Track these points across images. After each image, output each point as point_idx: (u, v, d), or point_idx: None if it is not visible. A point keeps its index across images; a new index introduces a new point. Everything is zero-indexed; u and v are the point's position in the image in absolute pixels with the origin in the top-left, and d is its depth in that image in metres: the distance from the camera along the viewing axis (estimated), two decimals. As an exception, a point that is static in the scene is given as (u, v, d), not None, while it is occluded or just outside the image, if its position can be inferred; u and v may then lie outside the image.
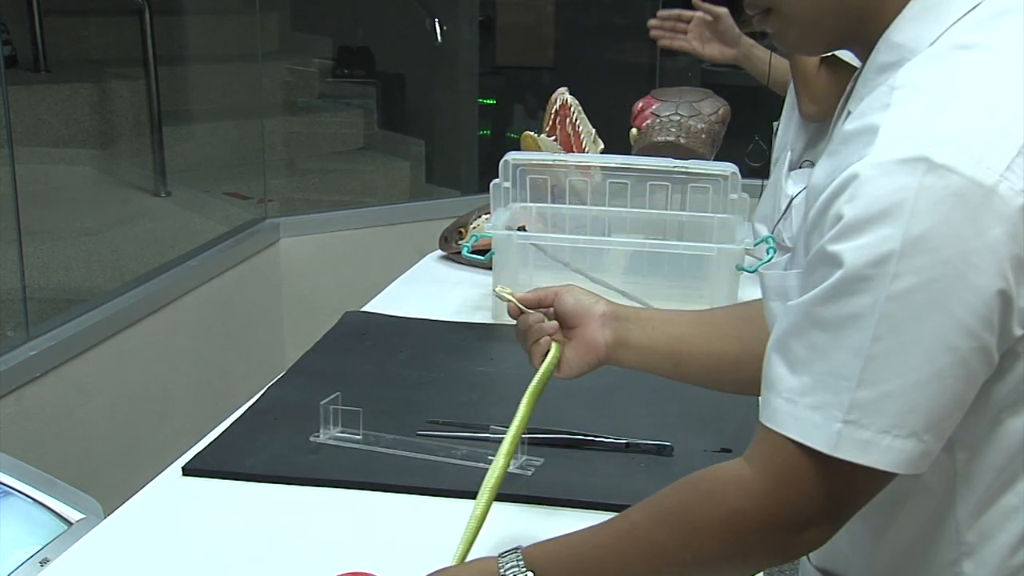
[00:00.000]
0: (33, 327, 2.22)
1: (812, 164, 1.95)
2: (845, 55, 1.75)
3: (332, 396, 1.36)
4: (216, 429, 1.39)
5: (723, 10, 2.19)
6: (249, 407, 1.47)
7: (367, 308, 1.89)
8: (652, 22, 2.25)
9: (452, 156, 4.51)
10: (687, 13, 2.22)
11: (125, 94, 3.94)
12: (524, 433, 1.16)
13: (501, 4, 4.71)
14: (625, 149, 2.17)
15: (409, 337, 1.75)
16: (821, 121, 1.93)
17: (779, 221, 1.89)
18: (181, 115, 4.11)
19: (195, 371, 2.76)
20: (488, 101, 4.76)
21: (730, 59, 2.19)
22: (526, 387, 1.13)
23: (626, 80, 4.32)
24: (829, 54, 1.79)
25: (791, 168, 1.99)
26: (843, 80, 1.80)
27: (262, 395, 1.51)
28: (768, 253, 1.72)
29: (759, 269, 1.66)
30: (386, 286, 2.03)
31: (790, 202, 1.92)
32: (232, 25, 4.15)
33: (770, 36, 0.96)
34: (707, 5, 2.22)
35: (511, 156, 1.92)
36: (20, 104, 3.38)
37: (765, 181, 2.12)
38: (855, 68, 0.96)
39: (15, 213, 2.33)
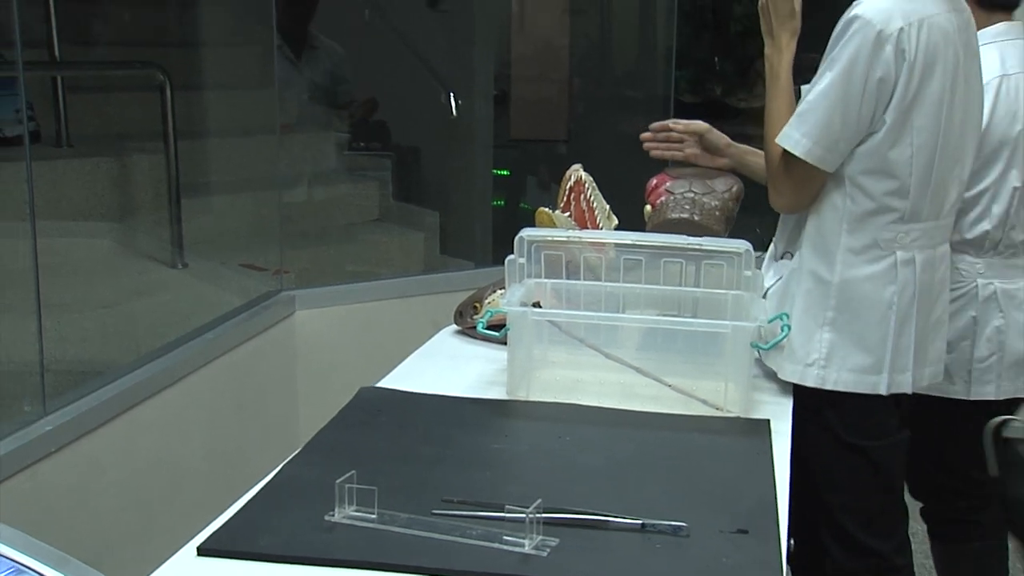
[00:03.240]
0: (50, 401, 2.22)
1: (792, 256, 1.98)
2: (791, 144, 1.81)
3: (347, 475, 1.36)
4: (232, 507, 1.39)
5: (702, 125, 2.23)
6: (265, 484, 1.47)
7: (382, 384, 1.89)
8: (644, 135, 2.29)
9: (466, 228, 4.55)
10: (677, 124, 2.25)
11: (145, 168, 4.00)
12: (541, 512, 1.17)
13: (516, 78, 4.79)
14: (639, 224, 2.19)
15: (424, 413, 1.75)
16: (791, 213, 1.97)
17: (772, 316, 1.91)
18: (199, 188, 4.16)
19: (209, 445, 2.76)
20: (502, 172, 4.82)
21: (724, 167, 2.21)
22: (541, 465, 1.13)
23: (640, 154, 4.36)
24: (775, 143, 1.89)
25: (774, 259, 2.02)
26: (796, 169, 1.84)
27: (278, 472, 1.51)
28: (782, 331, 1.73)
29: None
30: (400, 359, 2.03)
31: (765, 293, 1.95)
32: (250, 99, 4.22)
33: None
34: (684, 123, 2.25)
35: (526, 233, 1.94)
36: (43, 178, 3.43)
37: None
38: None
39: (35, 286, 2.35)
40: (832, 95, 1.83)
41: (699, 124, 2.24)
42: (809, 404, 1.92)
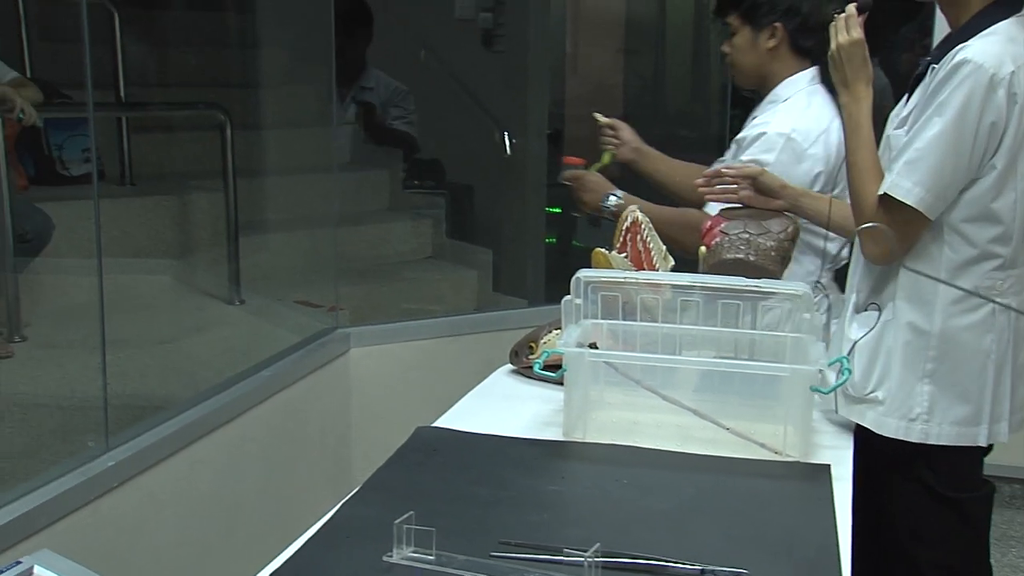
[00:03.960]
0: (112, 436, 2.26)
1: (878, 307, 1.93)
2: (903, 193, 1.78)
3: (406, 515, 1.37)
4: (291, 546, 1.40)
5: (755, 169, 2.23)
6: (323, 524, 1.48)
7: (439, 423, 1.90)
8: (698, 181, 2.29)
9: (519, 266, 4.56)
10: (730, 170, 2.25)
11: (204, 205, 4.07)
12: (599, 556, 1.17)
13: (569, 117, 4.81)
14: (695, 265, 2.18)
15: (480, 454, 1.75)
16: (885, 264, 1.91)
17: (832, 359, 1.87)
18: (256, 225, 4.23)
19: (264, 482, 2.78)
20: (554, 210, 4.83)
21: (780, 208, 2.19)
22: (599, 508, 1.13)
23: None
24: (881, 193, 1.84)
25: (856, 311, 1.98)
26: (899, 219, 1.81)
27: (336, 512, 1.52)
28: (843, 375, 1.71)
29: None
30: (453, 397, 2.04)
31: (853, 346, 1.92)
32: (308, 138, 4.29)
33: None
34: (737, 168, 2.26)
35: (583, 274, 1.94)
36: (106, 216, 3.48)
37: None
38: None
39: (100, 322, 2.40)
40: (944, 142, 1.79)
41: (752, 168, 2.23)
42: (899, 457, 1.88)
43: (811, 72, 2.45)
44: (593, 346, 1.90)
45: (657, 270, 2.14)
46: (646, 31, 5.02)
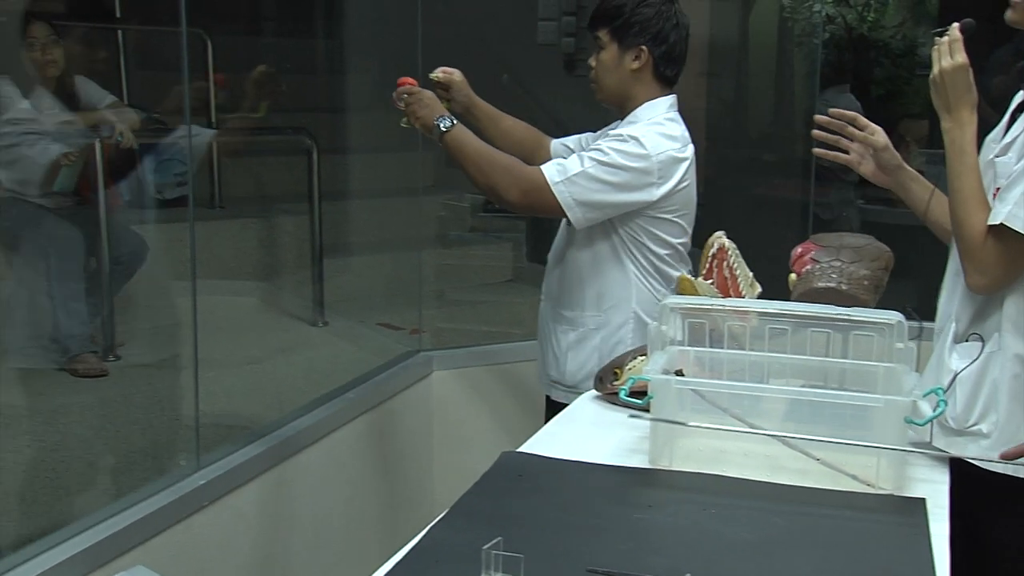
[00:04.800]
0: (203, 455, 2.31)
1: (980, 338, 1.85)
2: (1018, 224, 1.72)
3: (493, 541, 1.37)
4: (380, 570, 1.41)
5: (881, 143, 2.12)
6: (412, 548, 1.49)
7: (523, 448, 1.90)
8: (821, 118, 2.16)
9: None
10: (860, 119, 2.13)
11: (290, 228, 4.16)
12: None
13: (649, 142, 4.79)
14: (782, 292, 2.16)
15: (566, 480, 1.75)
16: (990, 294, 1.83)
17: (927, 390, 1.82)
18: (340, 247, 4.30)
19: (348, 503, 2.81)
20: (633, 235, 4.81)
21: (883, 184, 2.12)
22: (686, 537, 1.11)
23: (776, 217, 4.32)
24: (997, 223, 1.77)
25: (956, 341, 1.91)
26: (1013, 250, 1.76)
27: (424, 536, 1.53)
28: (939, 406, 1.67)
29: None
30: (533, 420, 2.05)
31: (954, 378, 1.85)
32: (392, 162, 4.35)
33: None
34: (871, 127, 2.14)
35: (669, 300, 1.93)
36: (196, 238, 3.60)
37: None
38: None
39: (194, 344, 2.46)
40: None
41: (882, 137, 2.13)
42: (1005, 492, 1.82)
43: (670, 99, 2.45)
44: (679, 373, 1.88)
45: (744, 297, 2.12)
46: (728, 54, 4.99)
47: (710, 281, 2.10)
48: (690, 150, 2.42)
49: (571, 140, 2.64)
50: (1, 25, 3.34)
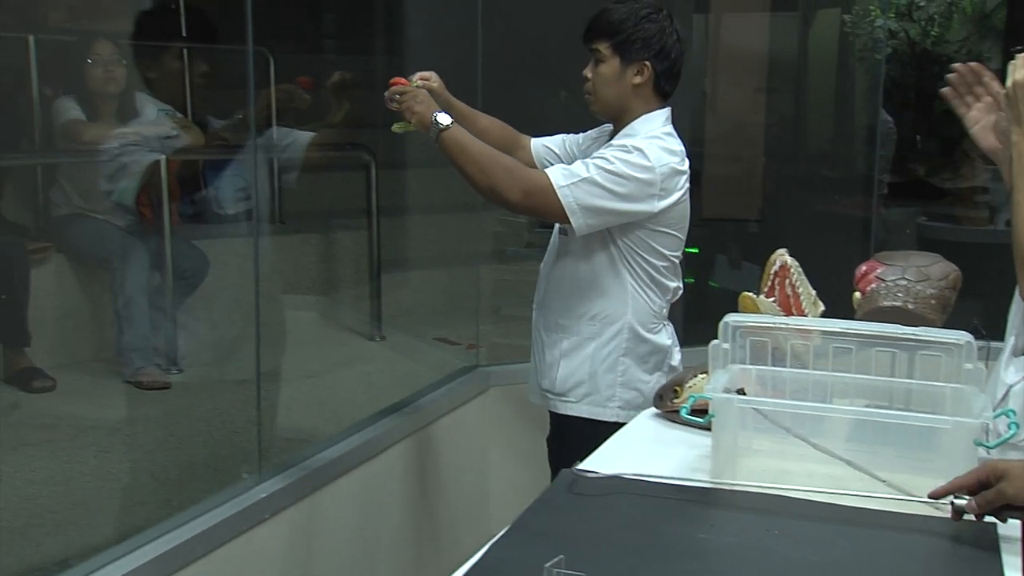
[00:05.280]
0: (264, 469, 2.33)
1: None
2: None
3: (556, 559, 1.36)
4: (441, 586, 1.42)
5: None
6: (472, 566, 1.48)
7: (583, 466, 1.89)
8: (957, 66, 2.05)
9: (656, 306, 4.52)
10: (993, 84, 2.02)
11: (348, 243, 4.20)
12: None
13: (708, 157, 4.77)
14: (842, 308, 2.13)
15: (627, 498, 1.74)
16: None
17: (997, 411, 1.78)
18: (398, 263, 4.33)
19: (405, 517, 2.82)
20: (691, 250, 4.79)
21: (989, 148, 2.02)
22: (749, 559, 1.10)
23: (838, 234, 4.27)
24: None
25: (1014, 354, 1.89)
26: None
27: (485, 553, 1.52)
28: (1010, 429, 1.64)
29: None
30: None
31: (1008, 391, 1.83)
32: (450, 177, 4.37)
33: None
34: (995, 81, 2.02)
35: (731, 318, 1.91)
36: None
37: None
38: None
39: (255, 358, 2.48)
40: None
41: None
42: None
43: (666, 112, 2.44)
44: (741, 392, 1.87)
45: (806, 315, 2.10)
46: (787, 69, 4.95)
47: (772, 299, 2.08)
48: (687, 164, 2.43)
49: (554, 140, 2.64)
50: (72, 44, 3.42)
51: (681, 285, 2.52)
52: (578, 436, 2.39)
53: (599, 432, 2.33)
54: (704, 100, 4.83)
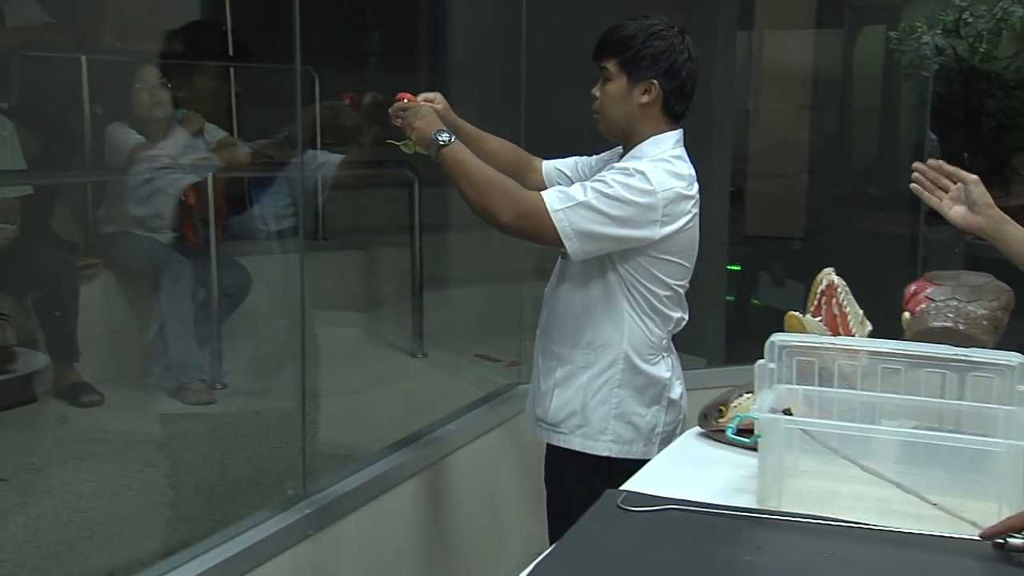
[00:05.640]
0: (308, 484, 2.34)
1: None
2: None
3: (602, 580, 1.36)
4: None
5: (972, 177, 2.07)
6: (519, 585, 1.48)
7: (627, 485, 1.88)
8: (917, 165, 2.13)
9: (698, 324, 4.48)
10: (954, 172, 2.09)
11: (391, 260, 4.22)
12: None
13: (752, 174, 4.75)
14: (889, 328, 2.11)
15: (673, 519, 1.73)
16: None
17: None
18: (440, 279, 4.34)
19: (448, 537, 2.82)
20: (733, 267, 4.77)
21: (974, 227, 2.04)
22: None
23: (883, 253, 4.23)
24: None
25: None
26: None
27: (531, 572, 1.52)
28: (1065, 452, 1.61)
29: None
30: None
31: None
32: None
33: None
34: (956, 169, 2.10)
35: (777, 338, 1.90)
36: (298, 270, 3.68)
37: None
38: None
39: (301, 373, 2.50)
40: None
41: (969, 175, 2.08)
42: None
43: (677, 134, 2.34)
44: (787, 412, 1.85)
45: (853, 335, 2.08)
46: (831, 86, 4.92)
47: (819, 318, 2.06)
48: (696, 188, 2.32)
49: (566, 163, 2.55)
50: (122, 65, 3.48)
51: (686, 316, 2.43)
52: (569, 469, 2.33)
53: (590, 466, 2.30)
54: (747, 117, 4.81)
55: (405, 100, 2.34)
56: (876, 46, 4.94)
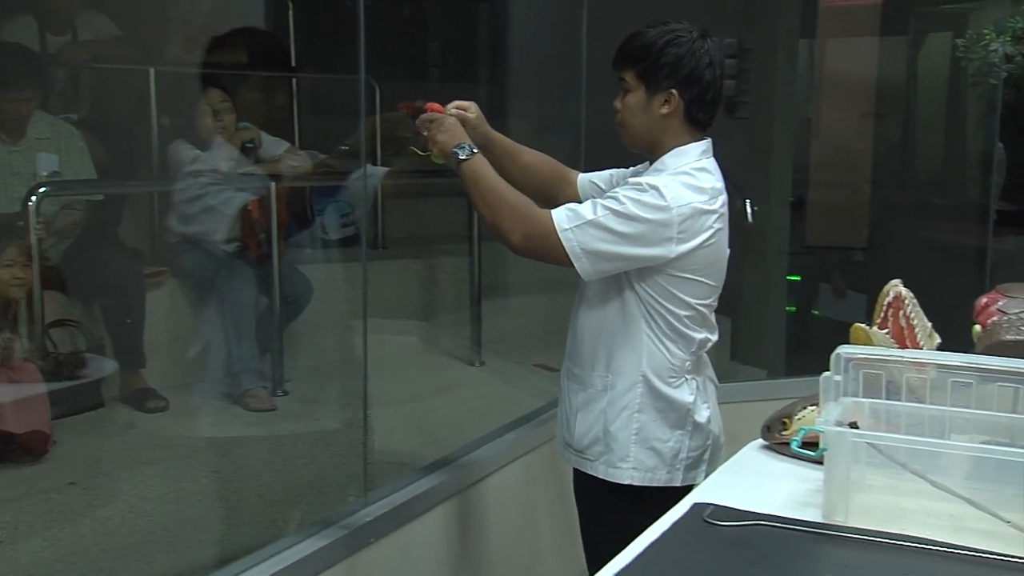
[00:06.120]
0: (370, 492, 2.36)
1: None
2: None
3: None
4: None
5: None
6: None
7: (691, 498, 1.87)
8: None
9: (758, 334, 4.46)
10: None
11: (449, 269, 4.24)
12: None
13: (814, 183, 4.70)
14: (958, 340, 2.06)
15: (757, 534, 1.70)
16: None
17: None
18: (498, 288, 4.35)
19: (509, 546, 2.82)
20: (793, 278, 4.72)
21: None
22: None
23: (949, 264, 4.16)
24: None
25: None
26: None
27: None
28: None
29: None
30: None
31: None
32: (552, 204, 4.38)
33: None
34: None
35: (843, 350, 1.87)
36: (358, 278, 3.71)
37: None
38: None
39: (363, 381, 2.51)
40: None
41: None
42: None
43: (703, 145, 2.22)
44: (853, 425, 1.82)
45: (921, 348, 2.04)
46: (895, 94, 4.86)
47: (885, 331, 2.03)
48: (721, 201, 2.20)
49: (602, 175, 2.45)
50: (188, 77, 3.54)
51: (713, 336, 2.28)
52: (597, 496, 2.27)
53: (616, 493, 2.23)
54: (809, 126, 4.76)
55: (433, 111, 2.29)
56: (942, 53, 4.86)
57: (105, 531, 2.45)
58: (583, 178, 2.45)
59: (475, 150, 2.19)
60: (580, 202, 2.33)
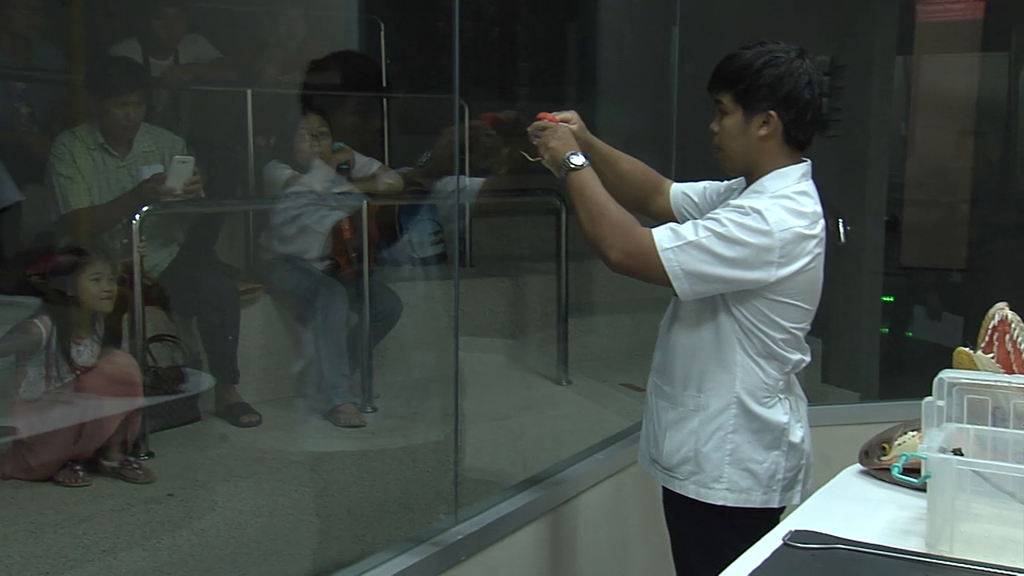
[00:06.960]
0: (460, 510, 2.36)
1: None
2: None
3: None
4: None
5: None
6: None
7: (787, 524, 1.83)
8: None
9: (851, 356, 4.37)
10: None
11: (536, 287, 4.24)
12: None
13: (909, 203, 4.60)
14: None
15: (838, 558, 1.66)
16: None
17: None
18: (586, 307, 4.34)
19: (598, 565, 2.80)
20: (886, 299, 4.62)
21: None
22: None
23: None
24: None
25: None
26: None
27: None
28: None
29: None
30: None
31: None
32: (640, 222, 4.36)
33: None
34: None
35: (947, 375, 1.82)
36: (447, 295, 3.74)
37: None
38: None
39: (454, 399, 2.52)
40: None
41: None
42: None
43: (803, 167, 2.18)
44: (958, 452, 1.77)
45: (1030, 373, 1.97)
46: (995, 112, 4.73)
47: (991, 355, 1.97)
48: (820, 226, 2.17)
49: (695, 187, 2.42)
50: (284, 97, 3.61)
51: (807, 357, 2.26)
52: (688, 515, 2.24)
53: (705, 514, 2.20)
54: (904, 144, 4.66)
55: (546, 119, 2.29)
56: (1046, 70, 4.73)
57: (202, 542, 2.50)
58: (676, 188, 2.44)
59: (587, 161, 2.19)
60: (670, 210, 2.35)
